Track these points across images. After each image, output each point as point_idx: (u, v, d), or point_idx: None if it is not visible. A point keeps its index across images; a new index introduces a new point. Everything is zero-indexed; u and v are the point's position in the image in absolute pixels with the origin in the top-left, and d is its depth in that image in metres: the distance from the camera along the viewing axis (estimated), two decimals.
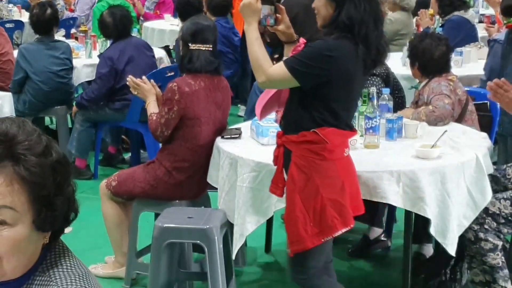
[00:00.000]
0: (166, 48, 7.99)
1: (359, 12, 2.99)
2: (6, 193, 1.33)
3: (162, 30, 8.59)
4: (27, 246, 1.39)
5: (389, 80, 4.68)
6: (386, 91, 4.23)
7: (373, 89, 3.99)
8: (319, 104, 3.04)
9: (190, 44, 4.12)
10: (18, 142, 1.35)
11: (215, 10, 7.15)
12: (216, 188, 3.90)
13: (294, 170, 3.07)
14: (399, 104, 4.68)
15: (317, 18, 3.12)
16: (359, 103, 4.07)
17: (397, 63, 5.92)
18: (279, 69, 3.03)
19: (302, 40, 3.22)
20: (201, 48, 4.09)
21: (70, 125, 6.44)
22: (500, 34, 5.44)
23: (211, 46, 4.16)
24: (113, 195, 4.18)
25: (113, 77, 5.67)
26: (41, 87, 5.92)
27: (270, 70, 3.04)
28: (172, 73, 5.81)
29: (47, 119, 7.08)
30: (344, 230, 3.09)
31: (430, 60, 4.40)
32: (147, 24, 8.97)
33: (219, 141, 3.97)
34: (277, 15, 3.19)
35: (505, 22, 4.85)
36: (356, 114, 3.99)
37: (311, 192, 3.05)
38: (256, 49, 3.09)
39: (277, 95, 3.33)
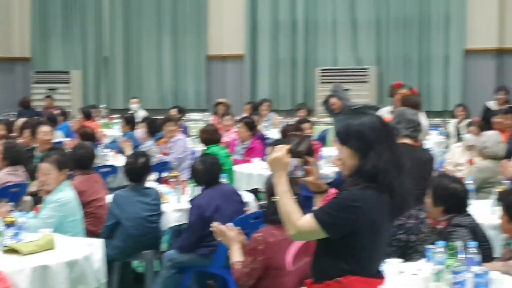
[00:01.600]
0: (254, 191, 8.11)
1: (382, 161, 3.07)
2: None
3: (250, 174, 8.77)
4: None
5: (476, 232, 4.60)
6: (473, 244, 4.15)
7: (460, 243, 3.93)
8: (345, 253, 3.10)
9: (272, 196, 4.22)
10: None
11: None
12: None
13: None
14: (486, 256, 4.56)
15: (343, 168, 3.21)
16: (445, 256, 4.02)
17: (485, 211, 5.82)
18: (308, 221, 3.09)
19: (331, 190, 3.30)
20: None
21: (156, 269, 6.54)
22: None
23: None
24: None
25: (202, 224, 5.78)
26: (131, 232, 6.09)
27: (299, 223, 3.11)
28: (258, 220, 5.89)
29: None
30: None
31: None
32: (235, 168, 9.18)
33: None
34: (306, 167, 3.29)
35: None
36: (443, 267, 3.93)
37: None
38: (286, 202, 3.17)
39: (306, 245, 3.37)
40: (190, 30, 17.14)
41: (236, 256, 4.21)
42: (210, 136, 8.69)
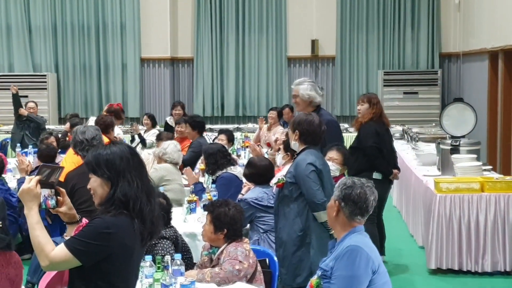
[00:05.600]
0: None
1: (133, 188, 3.21)
2: None
3: None
4: None
5: (178, 243, 4.98)
6: (178, 256, 4.52)
7: (168, 257, 4.23)
8: (99, 279, 3.16)
9: None
10: None
11: None
12: None
13: None
14: (188, 265, 4.98)
15: (94, 198, 3.28)
16: (153, 270, 4.33)
17: (178, 219, 6.23)
18: (61, 251, 3.09)
19: (84, 220, 3.35)
20: None
21: None
22: (247, 194, 6.22)
23: (0, 223, 4.20)
24: None
25: None
26: None
27: (52, 254, 3.08)
28: None
29: None
30: None
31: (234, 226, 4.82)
32: None
33: None
34: (58, 197, 3.30)
35: (274, 182, 5.41)
36: (151, 280, 4.22)
37: None
38: (38, 234, 3.11)
39: (60, 274, 3.38)
40: None
41: None
42: None
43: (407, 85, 14.91)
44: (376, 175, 7.14)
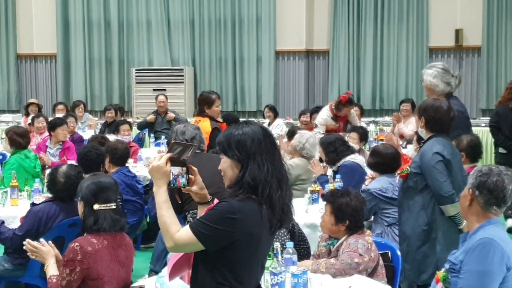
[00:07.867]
0: None
1: (263, 172, 3.00)
2: None
3: None
4: None
5: (294, 232, 4.74)
6: (290, 244, 4.26)
7: (277, 244, 4.01)
8: (223, 266, 3.00)
9: (93, 205, 4.09)
10: None
11: (119, 161, 7.17)
12: None
13: None
14: (304, 255, 4.72)
15: (224, 179, 3.10)
16: None
17: (300, 210, 5.99)
18: (185, 233, 2.96)
19: (216, 200, 3.17)
20: (105, 208, 4.07)
21: None
22: (370, 184, 5.87)
23: (114, 204, 4.15)
24: None
25: (36, 234, 5.34)
26: None
27: (177, 235, 2.97)
28: (75, 226, 5.66)
29: None
30: None
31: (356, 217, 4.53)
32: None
33: None
34: (190, 176, 3.16)
35: (398, 172, 5.10)
36: None
37: None
38: (164, 213, 3.02)
39: (187, 255, 3.26)
40: None
41: (52, 270, 4.01)
42: (19, 138, 8.19)
43: None
44: (501, 150, 8.13)
